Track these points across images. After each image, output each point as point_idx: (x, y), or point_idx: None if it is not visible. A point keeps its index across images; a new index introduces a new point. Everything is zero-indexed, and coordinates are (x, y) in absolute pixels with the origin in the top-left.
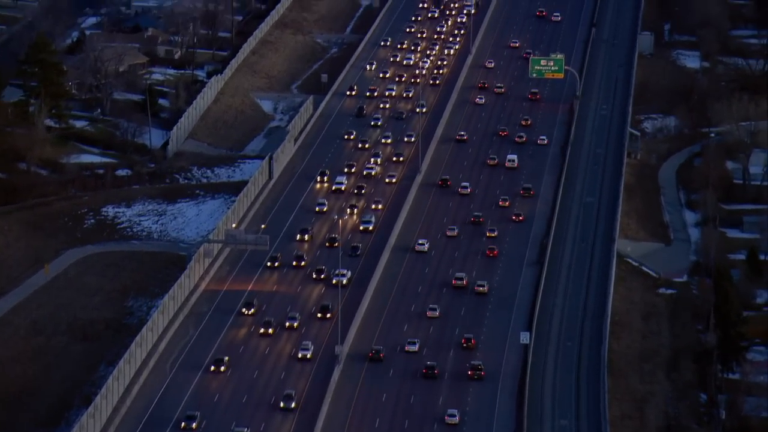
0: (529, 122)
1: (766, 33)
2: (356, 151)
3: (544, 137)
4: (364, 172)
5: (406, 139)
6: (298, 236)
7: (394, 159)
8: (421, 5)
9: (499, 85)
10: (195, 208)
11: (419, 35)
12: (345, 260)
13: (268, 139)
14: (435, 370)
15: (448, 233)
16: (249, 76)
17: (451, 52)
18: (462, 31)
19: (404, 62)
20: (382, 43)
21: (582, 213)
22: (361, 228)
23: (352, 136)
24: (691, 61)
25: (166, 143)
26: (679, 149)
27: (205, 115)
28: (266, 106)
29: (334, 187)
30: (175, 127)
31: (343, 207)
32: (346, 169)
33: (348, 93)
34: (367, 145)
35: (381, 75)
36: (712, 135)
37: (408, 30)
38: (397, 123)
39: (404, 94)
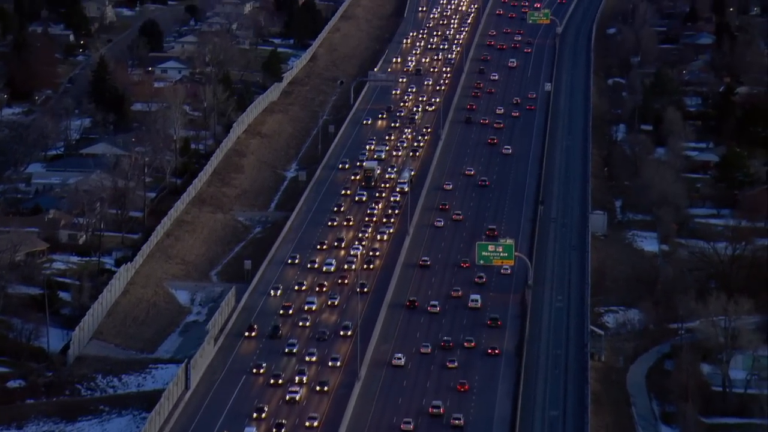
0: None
1: (727, 213)
2: (267, 389)
3: (507, 267)
4: (287, 397)
5: (330, 363)
6: None
7: (318, 389)
8: (344, 192)
9: (457, 212)
10: (99, 428)
11: (346, 222)
12: None
13: (185, 337)
14: None
15: (422, 350)
16: (163, 262)
17: (385, 237)
18: (396, 211)
19: (324, 268)
20: (289, 261)
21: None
22: None
23: (261, 370)
24: (649, 243)
25: (67, 346)
26: (646, 349)
27: (112, 311)
28: (182, 297)
29: None
30: (77, 327)
31: None
32: (255, 414)
33: (247, 334)
34: (280, 381)
35: (297, 288)
36: (682, 332)
37: (330, 223)
38: (319, 344)
39: (329, 302)
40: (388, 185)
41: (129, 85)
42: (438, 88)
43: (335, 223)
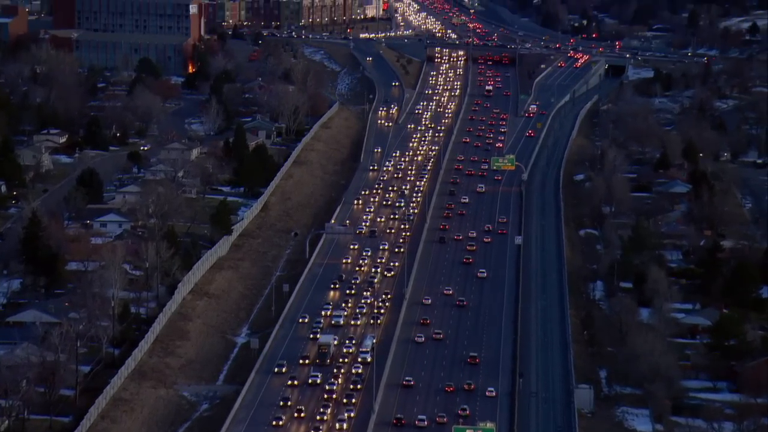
0: (467, 412)
1: (725, 386)
2: None
3: (492, 389)
4: None
5: None
6: None
7: None
8: (290, 383)
9: (437, 331)
10: None
11: (297, 415)
12: None
13: None
14: None
15: None
16: None
17: (345, 426)
18: (359, 386)
19: None
20: None
21: None
22: None
23: None
24: (642, 422)
25: None
26: None
27: None
28: None
29: None
30: None
31: None
32: None
33: None
34: None
35: None
36: None
37: (275, 422)
38: None
39: None
40: (346, 360)
41: (64, 241)
42: (396, 250)
43: (281, 422)
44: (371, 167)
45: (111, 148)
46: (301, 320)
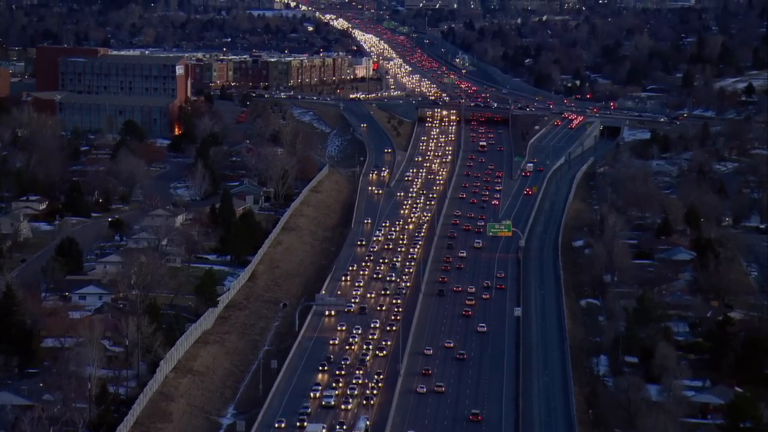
0: None
1: None
2: None
3: None
4: None
5: None
6: None
7: None
8: None
9: (439, 383)
10: None
11: None
12: None
13: None
14: None
15: None
16: None
17: None
18: None
19: None
20: None
21: None
22: None
23: None
24: None
25: None
26: None
27: None
28: None
29: None
30: None
31: None
32: None
33: None
34: None
35: None
36: None
37: None
38: None
39: None
40: None
41: (40, 316)
42: (388, 328)
43: None
44: (359, 242)
45: (93, 215)
46: (277, 425)
